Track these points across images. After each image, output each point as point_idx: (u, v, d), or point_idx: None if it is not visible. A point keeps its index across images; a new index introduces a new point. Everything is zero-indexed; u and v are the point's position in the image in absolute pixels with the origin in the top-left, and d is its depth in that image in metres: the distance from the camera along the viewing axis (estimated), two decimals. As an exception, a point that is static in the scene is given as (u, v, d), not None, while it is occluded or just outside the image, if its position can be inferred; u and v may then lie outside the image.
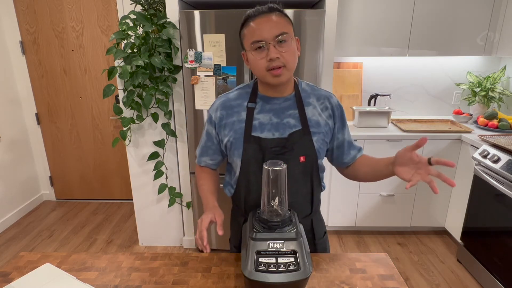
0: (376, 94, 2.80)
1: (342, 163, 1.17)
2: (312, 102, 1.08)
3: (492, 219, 2.06)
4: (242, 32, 1.00)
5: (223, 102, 1.10)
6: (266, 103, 1.07)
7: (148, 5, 2.07)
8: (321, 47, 2.03)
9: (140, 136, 2.35)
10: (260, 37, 0.94)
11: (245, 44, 1.00)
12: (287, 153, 1.03)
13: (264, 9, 0.96)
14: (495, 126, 2.48)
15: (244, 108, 1.08)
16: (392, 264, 1.06)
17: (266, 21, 0.95)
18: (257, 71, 1.00)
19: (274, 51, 0.94)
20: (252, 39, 0.96)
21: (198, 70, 2.09)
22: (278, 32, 0.94)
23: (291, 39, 0.97)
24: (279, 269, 0.83)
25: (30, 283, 0.93)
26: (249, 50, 0.98)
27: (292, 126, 1.05)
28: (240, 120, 1.07)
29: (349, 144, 1.15)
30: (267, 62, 0.96)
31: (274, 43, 0.94)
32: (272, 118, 1.05)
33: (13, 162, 3.00)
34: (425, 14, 2.44)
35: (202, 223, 1.01)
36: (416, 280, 2.22)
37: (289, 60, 0.97)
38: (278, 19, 0.95)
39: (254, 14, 0.97)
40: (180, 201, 2.49)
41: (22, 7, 2.86)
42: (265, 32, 0.94)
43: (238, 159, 1.07)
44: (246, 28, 0.98)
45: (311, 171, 1.08)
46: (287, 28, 0.97)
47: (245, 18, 0.99)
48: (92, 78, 3.03)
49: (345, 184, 2.56)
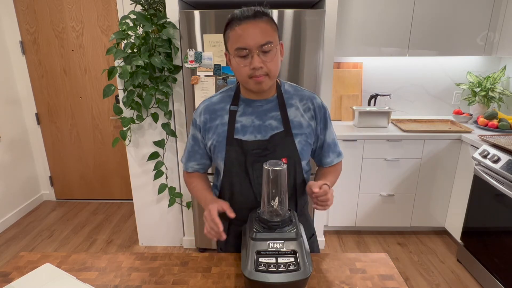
0: (376, 94, 2.80)
1: (321, 163, 1.20)
2: (294, 104, 1.08)
3: (492, 219, 2.06)
4: (226, 34, 0.99)
5: (207, 106, 1.11)
6: (249, 105, 1.07)
7: (148, 5, 2.07)
8: (321, 47, 2.03)
9: (140, 136, 2.35)
10: (244, 44, 0.93)
11: (228, 47, 0.99)
12: (269, 155, 1.04)
13: (250, 13, 0.94)
14: (495, 126, 2.48)
15: (227, 111, 1.08)
16: (392, 264, 1.06)
17: (251, 28, 0.93)
18: (240, 77, 1.00)
19: (258, 60, 0.94)
20: (237, 45, 0.94)
21: (198, 70, 2.09)
22: (263, 41, 0.93)
23: (275, 48, 0.97)
24: (279, 269, 0.83)
25: (30, 283, 0.93)
26: (232, 56, 0.98)
27: (274, 128, 1.05)
28: (223, 123, 1.07)
29: (329, 147, 1.15)
30: (250, 70, 0.95)
31: (258, 51, 0.93)
32: (254, 120, 1.06)
33: (13, 162, 3.00)
34: (425, 14, 2.44)
35: (211, 212, 0.98)
36: (416, 280, 2.22)
37: (272, 69, 0.97)
38: (264, 26, 0.94)
39: (240, 17, 0.94)
40: (180, 201, 2.49)
41: (22, 7, 2.86)
42: (250, 40, 0.92)
43: (221, 162, 1.08)
44: (231, 30, 0.96)
45: (294, 173, 1.08)
46: (272, 36, 0.95)
47: (230, 19, 0.97)
48: (92, 78, 3.03)
49: (345, 184, 2.56)
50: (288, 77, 2.07)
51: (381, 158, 2.50)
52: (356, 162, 2.51)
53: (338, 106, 2.87)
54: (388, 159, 2.50)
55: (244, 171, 1.06)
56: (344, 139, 2.44)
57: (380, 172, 2.54)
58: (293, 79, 2.06)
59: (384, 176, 2.55)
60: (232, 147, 1.05)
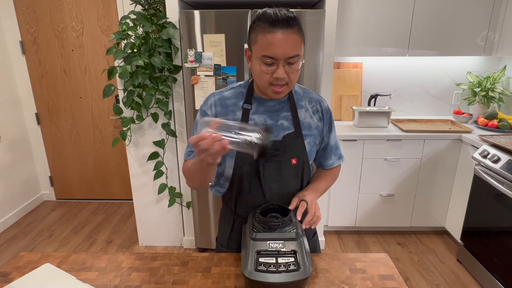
0: (376, 94, 2.80)
1: (321, 165, 1.21)
2: (304, 105, 1.09)
3: (492, 219, 2.06)
4: (253, 34, 0.94)
5: (219, 99, 1.08)
6: (261, 104, 1.07)
7: (148, 5, 2.07)
8: (321, 47, 2.03)
9: (140, 136, 2.35)
10: (273, 54, 0.91)
11: (254, 49, 0.96)
12: (279, 155, 1.05)
13: (283, 18, 0.89)
14: (495, 126, 2.48)
15: (239, 107, 1.07)
16: (392, 264, 1.06)
17: (284, 39, 0.89)
18: (260, 82, 0.98)
19: (282, 72, 0.92)
20: (264, 52, 0.92)
21: (198, 70, 2.09)
22: (292, 54, 0.91)
23: (300, 60, 0.96)
24: (279, 269, 0.83)
25: (30, 283, 0.93)
26: (256, 59, 0.95)
27: (286, 128, 1.06)
28: (235, 119, 1.07)
29: (331, 149, 1.17)
30: (272, 78, 0.94)
31: (284, 63, 0.92)
32: (267, 119, 1.06)
33: (13, 162, 3.00)
34: (425, 14, 2.44)
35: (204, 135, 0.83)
36: (416, 280, 2.22)
37: (293, 79, 0.97)
38: (295, 38, 0.91)
39: (272, 21, 0.89)
40: (180, 201, 2.49)
41: (22, 7, 2.86)
42: (279, 51, 0.90)
43: (231, 159, 1.07)
44: (260, 33, 0.92)
45: (302, 173, 1.10)
46: (300, 48, 0.94)
47: (261, 18, 0.92)
48: (92, 78, 3.03)
49: (345, 184, 2.56)
50: (288, 77, 2.07)
51: (381, 158, 2.50)
52: (356, 162, 2.51)
53: (338, 106, 2.87)
54: (388, 159, 2.50)
55: (255, 170, 1.06)
56: (344, 139, 2.44)
57: (380, 172, 2.54)
58: (293, 79, 2.06)
59: (384, 176, 2.55)
60: None
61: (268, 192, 1.07)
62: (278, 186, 1.08)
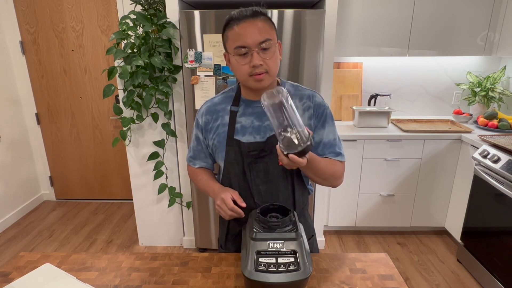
0: (376, 94, 2.80)
1: None
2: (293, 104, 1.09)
3: (492, 219, 2.06)
4: (225, 34, 1.00)
5: (208, 107, 1.12)
6: (249, 106, 1.07)
7: (148, 5, 2.07)
8: (321, 47, 2.03)
9: (140, 136, 2.35)
10: (244, 43, 0.94)
11: (228, 47, 1.00)
12: (266, 156, 1.04)
13: (248, 12, 0.95)
14: (495, 126, 2.48)
15: (227, 111, 1.09)
16: (392, 264, 1.06)
17: (250, 27, 0.94)
18: (240, 75, 1.00)
19: (257, 58, 0.94)
20: (236, 44, 0.96)
21: (198, 70, 2.09)
22: (262, 39, 0.94)
23: (274, 45, 0.98)
24: (279, 269, 0.83)
25: (30, 283, 0.93)
26: (232, 54, 0.98)
27: (272, 129, 1.04)
28: (223, 123, 1.08)
29: (325, 146, 1.09)
30: (250, 68, 0.96)
31: (257, 49, 0.94)
32: (254, 121, 1.06)
33: (13, 162, 3.00)
34: (425, 14, 2.44)
35: (226, 201, 1.00)
36: (416, 280, 2.22)
37: (271, 66, 0.97)
38: (262, 25, 0.95)
39: (238, 17, 0.96)
40: (180, 201, 2.49)
41: (22, 7, 2.86)
42: (249, 38, 0.94)
43: (221, 162, 1.10)
44: (229, 30, 0.97)
45: (291, 174, 1.08)
46: (270, 34, 0.97)
47: (228, 19, 0.98)
48: (92, 78, 3.03)
49: (345, 184, 2.56)
50: (288, 77, 2.07)
51: (381, 158, 2.50)
52: (356, 162, 2.51)
53: (338, 106, 2.87)
54: (388, 159, 2.50)
55: (242, 172, 1.07)
56: (344, 139, 2.44)
57: (380, 172, 2.54)
58: (293, 79, 2.06)
59: (384, 176, 2.55)
60: (231, 147, 1.06)
61: (256, 194, 1.07)
62: (266, 187, 1.07)
